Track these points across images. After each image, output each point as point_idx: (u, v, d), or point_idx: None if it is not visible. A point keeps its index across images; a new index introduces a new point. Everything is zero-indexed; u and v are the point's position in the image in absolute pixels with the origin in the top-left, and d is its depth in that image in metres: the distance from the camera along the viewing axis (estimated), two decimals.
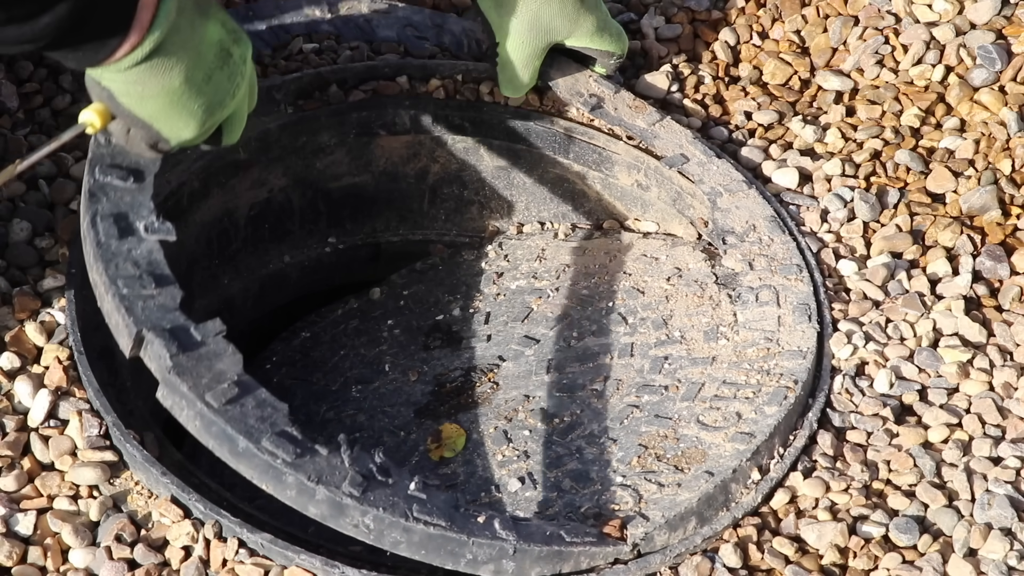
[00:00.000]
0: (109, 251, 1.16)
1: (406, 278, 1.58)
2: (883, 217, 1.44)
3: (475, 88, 1.54)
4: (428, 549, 1.10)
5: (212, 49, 1.13)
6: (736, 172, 1.44)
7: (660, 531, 1.15)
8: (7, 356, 1.24)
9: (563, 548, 1.12)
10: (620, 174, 1.52)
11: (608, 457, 1.25)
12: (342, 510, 1.08)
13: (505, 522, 1.11)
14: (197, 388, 1.10)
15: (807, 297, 1.32)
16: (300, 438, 1.09)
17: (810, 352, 1.27)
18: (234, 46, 1.15)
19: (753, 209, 1.40)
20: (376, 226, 1.60)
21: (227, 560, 1.12)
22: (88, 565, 1.12)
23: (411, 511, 1.09)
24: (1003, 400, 1.27)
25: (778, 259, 1.36)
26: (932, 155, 1.49)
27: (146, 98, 1.11)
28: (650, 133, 1.47)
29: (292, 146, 1.51)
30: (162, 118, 1.13)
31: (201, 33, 1.11)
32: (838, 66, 1.60)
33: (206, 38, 1.12)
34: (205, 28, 1.12)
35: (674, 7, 1.67)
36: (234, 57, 1.15)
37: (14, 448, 1.18)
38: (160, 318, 1.13)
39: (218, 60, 1.13)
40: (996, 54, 1.54)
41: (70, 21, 1.01)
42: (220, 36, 1.13)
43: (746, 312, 1.32)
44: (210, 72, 1.13)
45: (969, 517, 1.18)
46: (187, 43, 1.10)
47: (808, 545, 1.17)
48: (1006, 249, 1.39)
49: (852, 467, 1.22)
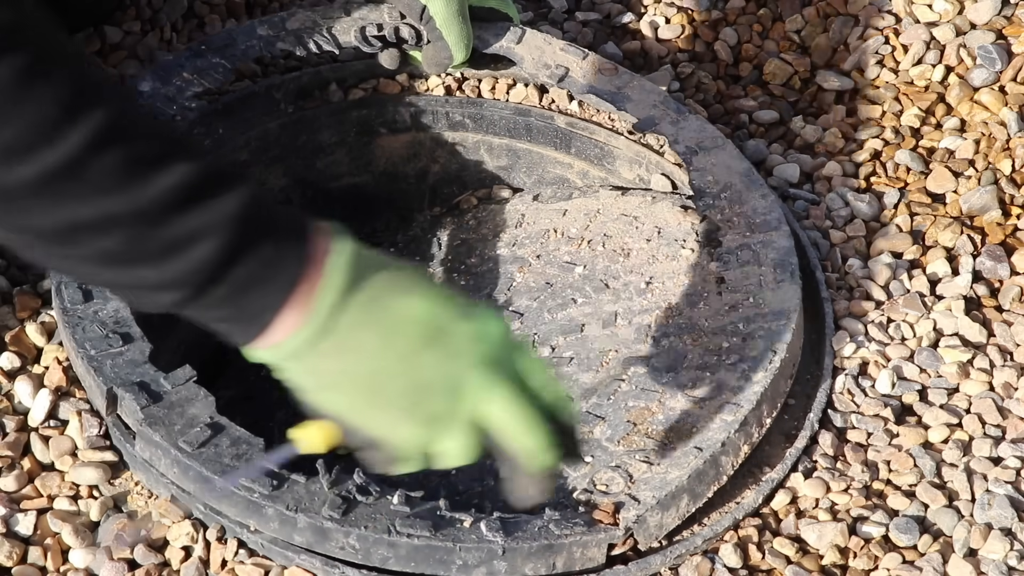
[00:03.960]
0: (75, 316, 1.20)
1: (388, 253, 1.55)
2: (883, 217, 1.44)
3: (476, 85, 1.54)
4: (417, 561, 1.10)
5: (415, 327, 0.89)
6: (710, 127, 1.42)
7: (652, 512, 1.13)
8: (7, 356, 1.24)
9: (553, 542, 1.11)
10: (622, 169, 1.52)
11: (597, 436, 1.24)
12: (325, 534, 1.09)
13: (491, 524, 1.10)
14: (170, 436, 1.13)
15: (787, 252, 1.30)
16: (277, 470, 1.11)
17: (793, 311, 1.26)
18: (457, 322, 0.90)
19: (729, 165, 1.38)
20: (376, 226, 1.60)
21: (227, 561, 1.12)
22: (88, 565, 1.12)
23: (394, 526, 1.09)
24: (1003, 400, 1.27)
25: (756, 215, 1.34)
26: (932, 155, 1.49)
27: (325, 389, 0.90)
28: (621, 96, 1.45)
29: (292, 146, 1.51)
30: (357, 412, 0.91)
31: (398, 308, 0.89)
32: (838, 66, 1.60)
33: (404, 315, 0.89)
34: (406, 300, 0.90)
35: (674, 7, 1.67)
36: (454, 334, 0.90)
37: (14, 448, 1.18)
38: (129, 373, 1.17)
39: (425, 337, 0.89)
40: (996, 54, 1.54)
41: (219, 261, 0.83)
42: (426, 315, 0.90)
43: (728, 273, 1.30)
44: (412, 353, 0.89)
45: (969, 517, 1.18)
46: (371, 320, 0.88)
47: (808, 545, 1.17)
48: (1006, 249, 1.39)
49: (853, 467, 1.22)
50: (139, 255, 0.83)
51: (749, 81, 1.61)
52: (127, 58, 1.54)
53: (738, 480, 1.20)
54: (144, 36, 1.56)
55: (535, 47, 1.49)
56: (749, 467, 1.21)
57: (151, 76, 1.42)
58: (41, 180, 0.79)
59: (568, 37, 1.63)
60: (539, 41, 1.50)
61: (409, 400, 0.90)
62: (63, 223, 0.81)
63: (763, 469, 1.21)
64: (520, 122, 1.53)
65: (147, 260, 0.83)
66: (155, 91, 1.40)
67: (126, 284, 0.87)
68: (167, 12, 1.59)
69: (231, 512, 1.12)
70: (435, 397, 0.90)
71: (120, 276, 0.85)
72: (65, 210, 0.81)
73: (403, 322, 0.89)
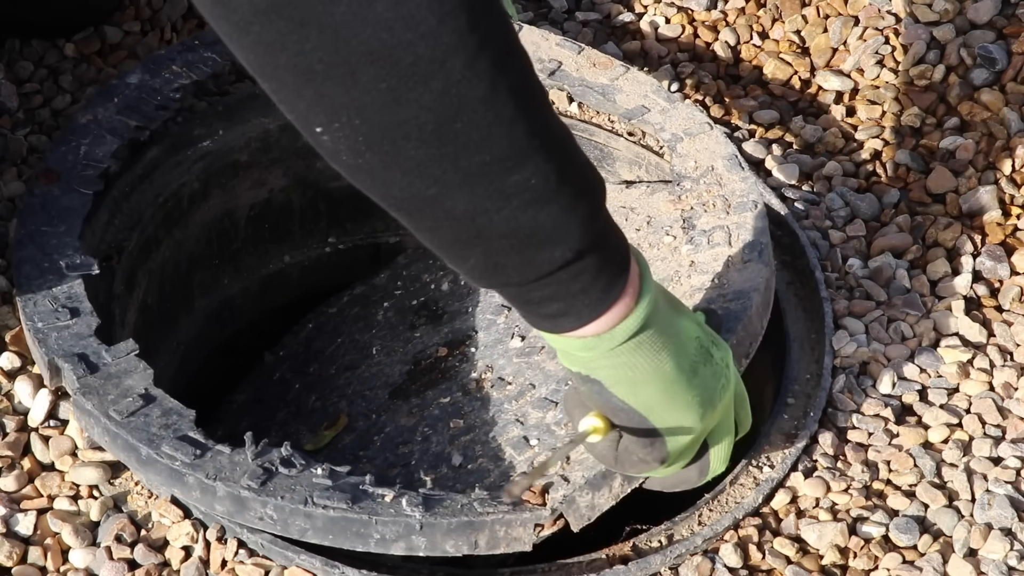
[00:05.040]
0: (28, 290, 1.21)
1: (409, 257, 1.56)
2: (883, 217, 1.44)
3: None
4: (334, 533, 1.09)
5: (692, 343, 1.01)
6: (700, 115, 1.40)
7: (581, 492, 1.11)
8: (7, 356, 1.24)
9: (474, 519, 1.10)
10: (622, 170, 1.52)
11: (548, 421, 1.23)
12: (243, 503, 1.09)
13: (412, 498, 1.10)
14: (102, 405, 1.14)
15: (759, 233, 1.27)
16: (202, 441, 1.12)
17: (755, 290, 1.22)
18: (713, 347, 1.03)
19: (714, 150, 1.37)
20: (376, 226, 1.60)
21: (227, 561, 1.12)
22: (88, 565, 1.13)
23: (312, 497, 1.09)
24: (1003, 400, 1.27)
25: (734, 198, 1.32)
26: (932, 155, 1.49)
27: (639, 384, 0.98)
28: (613, 88, 1.44)
29: (292, 146, 1.51)
30: (659, 408, 1.00)
31: (679, 323, 1.00)
32: (838, 66, 1.60)
33: (684, 329, 1.01)
34: (680, 319, 1.01)
35: (674, 7, 1.67)
36: (715, 358, 1.03)
37: (14, 448, 1.18)
38: (72, 346, 1.17)
39: (699, 354, 1.01)
40: (997, 54, 1.54)
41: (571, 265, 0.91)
42: (697, 333, 1.02)
43: (699, 255, 1.28)
44: (695, 364, 1.01)
45: (969, 517, 1.18)
46: (668, 327, 0.99)
47: (809, 545, 1.17)
48: (1006, 249, 1.39)
49: (853, 467, 1.22)
50: (559, 191, 0.87)
51: (749, 81, 1.61)
52: (127, 58, 1.54)
53: (738, 480, 1.21)
54: (144, 36, 1.56)
55: (531, 43, 1.48)
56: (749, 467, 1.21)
57: (141, 68, 1.42)
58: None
59: (568, 37, 1.63)
60: (536, 37, 1.49)
61: (699, 404, 1.01)
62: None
63: (763, 469, 1.21)
64: None
65: (563, 197, 0.88)
66: (143, 83, 1.40)
67: (522, 228, 0.88)
68: (167, 12, 1.59)
69: (156, 480, 1.13)
70: (710, 410, 1.02)
71: (527, 214, 0.88)
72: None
73: (684, 335, 1.00)
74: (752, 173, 1.34)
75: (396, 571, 1.14)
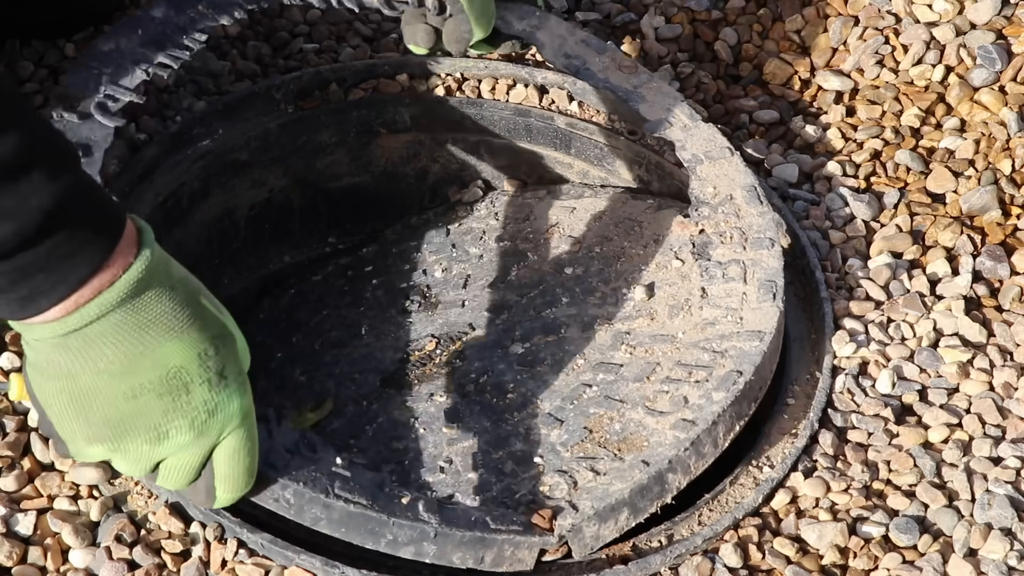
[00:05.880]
0: None
1: (399, 233, 1.55)
2: (883, 217, 1.44)
3: (476, 86, 1.54)
4: (348, 527, 1.09)
5: (157, 369, 0.95)
6: (721, 138, 1.40)
7: (589, 523, 1.13)
8: (7, 356, 1.24)
9: (486, 535, 1.10)
10: (622, 169, 1.52)
11: (552, 440, 1.23)
12: (262, 482, 1.09)
13: (429, 504, 1.10)
14: None
15: (774, 274, 1.28)
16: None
17: (768, 334, 1.24)
18: (206, 390, 0.97)
19: (734, 178, 1.37)
20: (376, 226, 1.60)
21: (227, 561, 1.12)
22: (88, 565, 1.12)
23: (332, 488, 1.09)
24: (1003, 400, 1.27)
25: (751, 232, 1.32)
26: (932, 155, 1.49)
27: (48, 378, 0.97)
28: (636, 95, 1.44)
29: (292, 146, 1.51)
30: (55, 410, 0.98)
31: (152, 339, 0.95)
32: (838, 66, 1.60)
33: (157, 351, 0.95)
34: (162, 341, 0.95)
35: (674, 7, 1.67)
36: (194, 402, 0.97)
37: (14, 448, 1.18)
38: None
39: (161, 384, 0.96)
40: (996, 54, 1.54)
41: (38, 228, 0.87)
42: (180, 363, 0.96)
43: (712, 287, 1.29)
44: (138, 390, 0.96)
45: (969, 517, 1.18)
46: (125, 342, 0.94)
47: (809, 545, 1.17)
48: (1006, 249, 1.39)
49: (853, 467, 1.22)
50: None
51: (749, 81, 1.61)
52: None
53: (738, 480, 1.21)
54: None
55: (557, 35, 1.47)
56: (749, 467, 1.22)
57: (165, 3, 1.40)
58: None
59: None
60: (561, 29, 1.48)
61: (106, 428, 0.98)
62: None
63: (763, 469, 1.21)
64: (520, 122, 1.53)
65: None
66: (167, 18, 1.38)
67: None
68: None
69: None
70: (132, 441, 0.99)
71: None
72: None
73: (150, 356, 0.95)
74: (770, 208, 1.35)
75: (397, 572, 1.14)
